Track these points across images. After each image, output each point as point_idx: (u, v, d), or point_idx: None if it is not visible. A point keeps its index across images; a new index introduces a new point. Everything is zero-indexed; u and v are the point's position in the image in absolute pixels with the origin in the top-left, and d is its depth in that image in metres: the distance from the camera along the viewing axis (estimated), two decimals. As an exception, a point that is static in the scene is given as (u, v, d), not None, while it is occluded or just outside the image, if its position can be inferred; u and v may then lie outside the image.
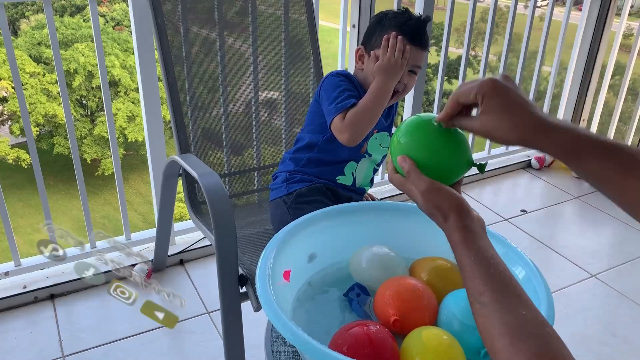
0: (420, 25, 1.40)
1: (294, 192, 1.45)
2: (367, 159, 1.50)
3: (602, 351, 1.84)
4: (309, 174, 1.47)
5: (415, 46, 1.39)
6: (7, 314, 1.86)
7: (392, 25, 1.39)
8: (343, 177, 1.48)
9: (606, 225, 2.55)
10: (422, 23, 1.40)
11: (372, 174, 1.55)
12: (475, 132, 0.73)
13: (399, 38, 1.37)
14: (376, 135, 1.50)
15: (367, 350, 0.79)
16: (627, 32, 4.92)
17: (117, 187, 2.13)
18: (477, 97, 0.71)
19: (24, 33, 14.57)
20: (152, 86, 1.94)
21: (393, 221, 1.06)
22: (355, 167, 1.49)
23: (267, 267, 0.86)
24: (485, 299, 0.64)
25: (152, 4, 1.62)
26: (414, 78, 1.45)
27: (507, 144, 0.72)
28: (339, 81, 1.42)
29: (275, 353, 0.90)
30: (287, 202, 1.46)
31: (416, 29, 1.39)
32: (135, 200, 13.10)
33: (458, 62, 11.05)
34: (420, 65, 1.44)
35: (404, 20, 1.39)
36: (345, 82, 1.42)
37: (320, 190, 1.45)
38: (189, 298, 1.98)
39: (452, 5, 2.51)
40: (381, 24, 1.41)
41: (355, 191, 1.52)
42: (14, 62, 1.79)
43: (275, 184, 1.53)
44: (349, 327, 0.83)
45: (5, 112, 13.78)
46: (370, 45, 1.43)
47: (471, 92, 0.71)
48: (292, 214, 1.41)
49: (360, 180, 1.52)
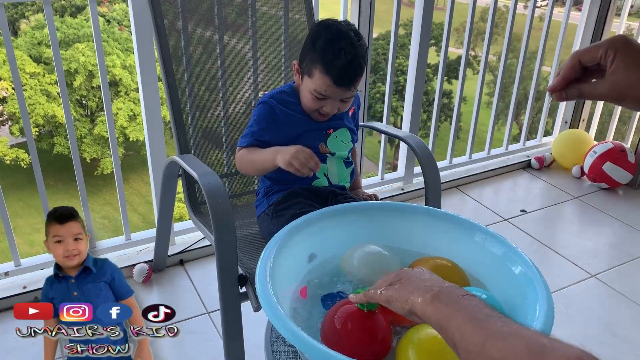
0: (347, 67, 1.31)
1: (272, 204, 1.46)
2: (333, 158, 1.49)
3: (602, 351, 1.83)
4: (285, 183, 1.47)
5: (339, 87, 1.34)
6: (7, 314, 1.86)
7: (320, 60, 1.33)
8: (317, 180, 1.47)
9: (606, 225, 2.55)
10: (349, 64, 1.31)
11: (346, 169, 1.52)
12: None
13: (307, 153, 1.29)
14: (335, 134, 1.48)
15: (362, 324, 0.82)
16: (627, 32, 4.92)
17: (117, 187, 2.13)
18: (608, 54, 0.65)
19: (24, 33, 14.57)
20: (152, 86, 1.94)
21: (393, 221, 1.06)
22: (325, 169, 1.48)
23: (267, 267, 0.86)
24: (490, 344, 0.58)
25: (151, 4, 1.62)
26: (347, 103, 1.41)
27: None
28: (257, 114, 1.43)
29: (275, 353, 0.90)
30: (269, 214, 1.47)
31: (342, 70, 1.32)
32: (135, 200, 13.09)
33: (458, 62, 11.05)
34: (348, 97, 1.39)
35: (331, 57, 1.31)
36: (262, 117, 1.41)
37: (297, 194, 1.44)
38: (188, 298, 1.98)
39: (452, 5, 2.51)
40: (312, 49, 1.35)
41: (335, 188, 1.50)
42: (14, 62, 1.79)
43: (257, 200, 1.55)
44: (341, 304, 0.85)
45: (5, 113, 13.77)
46: (302, 67, 1.40)
47: (599, 49, 0.66)
48: (276, 223, 1.40)
49: (335, 179, 1.50)
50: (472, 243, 1.00)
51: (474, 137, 2.90)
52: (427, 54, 2.50)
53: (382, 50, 14.32)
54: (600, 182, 2.80)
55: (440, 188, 1.63)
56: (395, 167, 2.82)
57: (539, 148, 3.16)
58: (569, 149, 2.98)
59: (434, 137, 2.80)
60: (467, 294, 0.66)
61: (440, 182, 1.63)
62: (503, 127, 3.44)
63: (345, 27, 1.36)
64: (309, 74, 1.37)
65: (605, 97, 0.67)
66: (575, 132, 3.08)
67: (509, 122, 3.07)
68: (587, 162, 2.83)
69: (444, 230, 1.03)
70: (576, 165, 2.93)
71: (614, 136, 3.15)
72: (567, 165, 3.00)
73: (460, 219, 1.03)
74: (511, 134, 3.06)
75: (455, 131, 2.85)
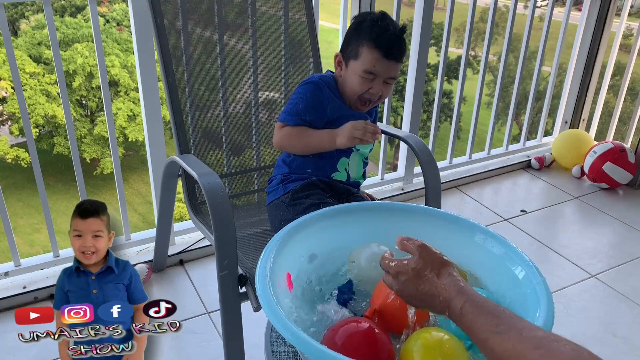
0: (395, 39, 1.38)
1: (290, 191, 1.47)
2: (356, 153, 1.52)
3: (602, 351, 1.83)
4: (304, 173, 1.48)
5: (389, 60, 1.39)
6: (7, 314, 1.86)
7: (368, 37, 1.38)
8: (337, 173, 1.50)
9: (606, 225, 2.55)
10: (397, 37, 1.39)
11: (363, 168, 1.57)
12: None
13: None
14: None
15: (362, 348, 0.80)
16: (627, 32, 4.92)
17: (117, 187, 2.13)
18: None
19: (24, 33, 14.56)
20: (152, 86, 1.94)
21: (393, 221, 1.06)
22: (347, 163, 1.51)
23: (267, 267, 0.86)
24: (502, 327, 0.66)
25: (151, 5, 1.62)
26: (390, 87, 1.45)
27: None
28: (304, 92, 1.45)
29: (275, 353, 0.90)
30: (284, 201, 1.47)
31: (391, 42, 1.38)
32: (135, 200, 13.09)
33: (458, 62, 11.05)
34: (394, 76, 1.43)
35: (379, 31, 1.38)
36: (309, 96, 1.44)
37: (315, 185, 1.46)
38: (188, 298, 1.98)
39: (452, 5, 2.51)
40: (357, 32, 1.41)
41: (351, 185, 1.54)
42: (14, 62, 1.79)
43: (271, 187, 1.54)
44: (343, 323, 0.84)
45: (5, 113, 13.77)
46: (347, 53, 1.43)
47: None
48: (292, 211, 1.42)
49: (353, 175, 1.53)
50: (472, 243, 1.00)
51: (474, 137, 2.90)
52: (427, 54, 2.50)
53: (382, 50, 14.28)
54: (600, 182, 2.80)
55: (440, 188, 1.63)
56: (395, 167, 2.82)
57: (539, 148, 3.16)
58: (569, 149, 2.98)
59: (434, 137, 2.80)
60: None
61: (440, 182, 1.63)
62: (503, 127, 3.44)
63: (385, 14, 1.44)
64: (355, 56, 1.41)
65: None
66: (575, 132, 3.08)
67: (509, 122, 3.07)
68: (587, 162, 2.83)
69: (444, 231, 1.03)
70: (576, 165, 2.93)
71: (614, 136, 3.15)
72: (567, 165, 3.00)
73: (460, 219, 1.03)
74: (511, 134, 3.06)
75: (455, 131, 2.85)
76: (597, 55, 3.02)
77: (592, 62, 3.04)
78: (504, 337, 0.65)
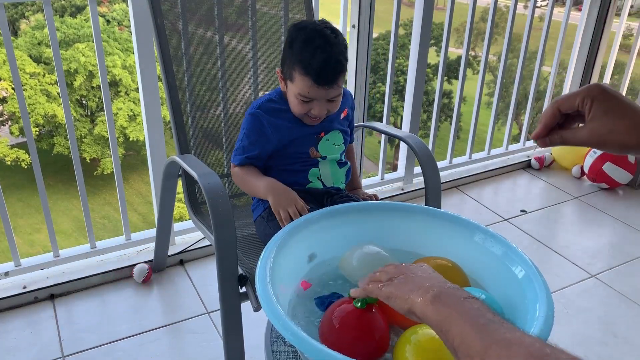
0: (324, 65, 1.29)
1: (268, 207, 1.43)
2: (325, 161, 1.48)
3: (602, 351, 1.84)
4: None
5: (321, 86, 1.32)
6: (7, 314, 1.86)
7: (298, 61, 1.31)
8: (311, 183, 1.47)
9: (606, 225, 2.55)
10: (326, 62, 1.29)
11: (340, 170, 1.51)
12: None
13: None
14: (326, 137, 1.48)
15: (359, 323, 0.82)
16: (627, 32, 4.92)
17: (117, 187, 2.13)
18: (585, 102, 0.67)
19: (24, 33, 14.57)
20: (152, 86, 1.94)
21: (393, 221, 1.06)
22: (318, 172, 1.47)
23: (267, 267, 0.86)
24: (492, 352, 0.57)
25: (151, 5, 1.62)
26: (335, 103, 1.39)
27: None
28: (246, 127, 1.43)
29: (275, 353, 0.90)
30: (264, 217, 1.47)
31: (320, 69, 1.29)
32: (135, 200, 13.10)
33: (458, 62, 11.05)
34: (334, 96, 1.36)
35: (309, 56, 1.29)
36: (251, 130, 1.41)
37: None
38: (189, 298, 1.98)
39: (452, 5, 2.51)
40: (290, 52, 1.34)
41: (329, 189, 1.49)
42: (14, 62, 1.79)
43: (253, 204, 1.55)
44: (339, 303, 0.85)
45: (5, 113, 13.77)
46: (284, 72, 1.39)
47: (576, 98, 0.68)
48: (272, 226, 1.40)
49: (329, 182, 1.49)
50: (472, 243, 1.00)
51: (474, 137, 2.90)
52: (427, 54, 2.50)
53: (382, 50, 14.32)
54: (600, 182, 2.80)
55: (440, 188, 1.63)
56: (395, 167, 2.82)
57: (539, 148, 3.16)
58: (569, 149, 2.98)
59: (434, 137, 2.80)
60: (469, 296, 0.66)
61: (440, 182, 1.63)
62: (503, 127, 3.44)
63: (321, 25, 1.34)
64: (290, 78, 1.36)
65: (586, 143, 0.69)
66: (575, 132, 3.07)
67: (509, 122, 3.07)
68: (587, 162, 2.83)
69: (443, 231, 1.03)
70: (576, 165, 2.93)
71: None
72: (567, 165, 3.00)
73: (460, 219, 1.03)
74: (511, 134, 3.06)
75: (455, 131, 2.85)
76: (597, 55, 3.02)
77: (592, 62, 3.04)
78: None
